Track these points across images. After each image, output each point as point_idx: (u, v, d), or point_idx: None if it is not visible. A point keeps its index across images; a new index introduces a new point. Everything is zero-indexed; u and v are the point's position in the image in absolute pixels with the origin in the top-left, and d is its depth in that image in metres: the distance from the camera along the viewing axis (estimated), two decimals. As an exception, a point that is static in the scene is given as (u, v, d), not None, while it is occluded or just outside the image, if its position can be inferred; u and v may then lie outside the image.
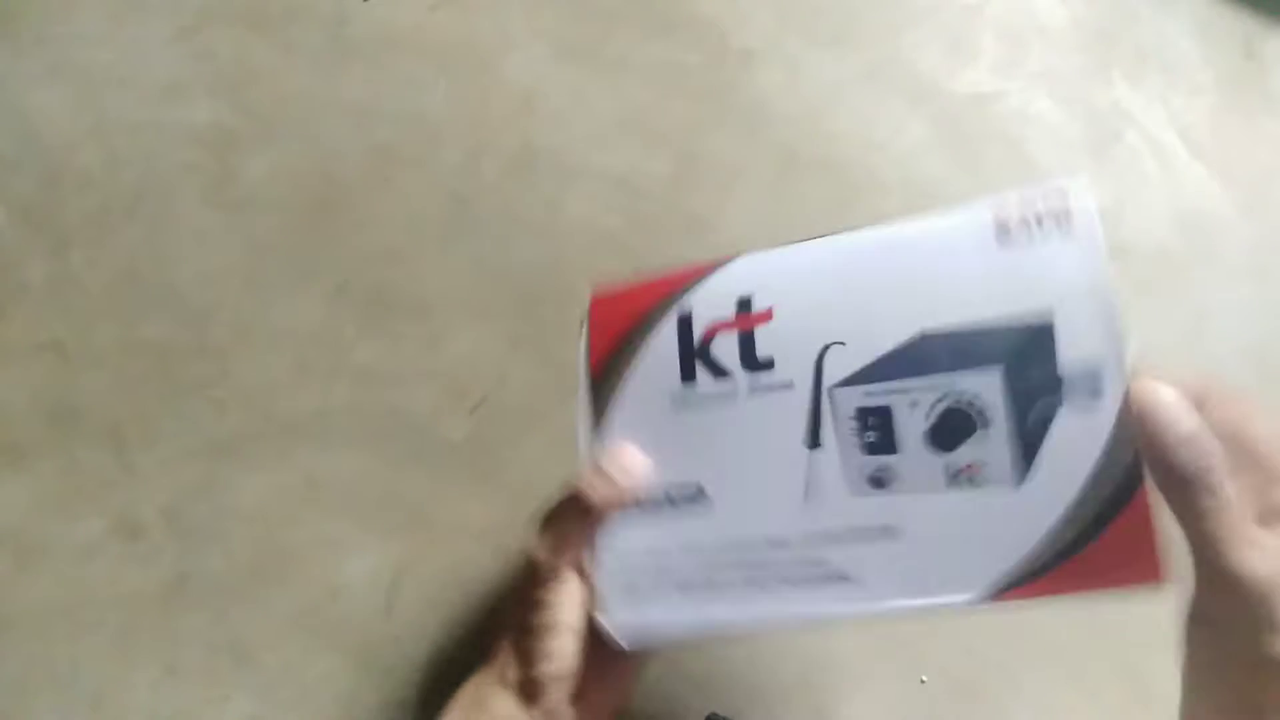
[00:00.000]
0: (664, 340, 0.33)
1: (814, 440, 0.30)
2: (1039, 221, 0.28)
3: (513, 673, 0.35)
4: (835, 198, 0.51)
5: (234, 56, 0.54)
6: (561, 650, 0.34)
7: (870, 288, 0.30)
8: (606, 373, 0.34)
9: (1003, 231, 0.28)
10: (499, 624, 0.37)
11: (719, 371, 0.32)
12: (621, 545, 0.33)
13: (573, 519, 0.35)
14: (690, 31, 0.54)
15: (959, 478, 0.28)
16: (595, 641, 0.34)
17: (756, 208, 0.51)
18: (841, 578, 0.29)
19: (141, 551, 0.47)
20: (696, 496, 0.32)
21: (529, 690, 0.34)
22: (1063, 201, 0.28)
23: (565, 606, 0.35)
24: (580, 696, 0.35)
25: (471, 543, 0.47)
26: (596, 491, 0.34)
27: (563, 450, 0.47)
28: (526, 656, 0.34)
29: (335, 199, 0.52)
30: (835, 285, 0.31)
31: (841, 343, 0.30)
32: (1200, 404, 0.27)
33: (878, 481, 0.29)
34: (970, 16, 0.55)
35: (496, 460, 0.48)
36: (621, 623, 0.33)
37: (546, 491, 0.36)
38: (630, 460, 0.35)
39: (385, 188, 0.52)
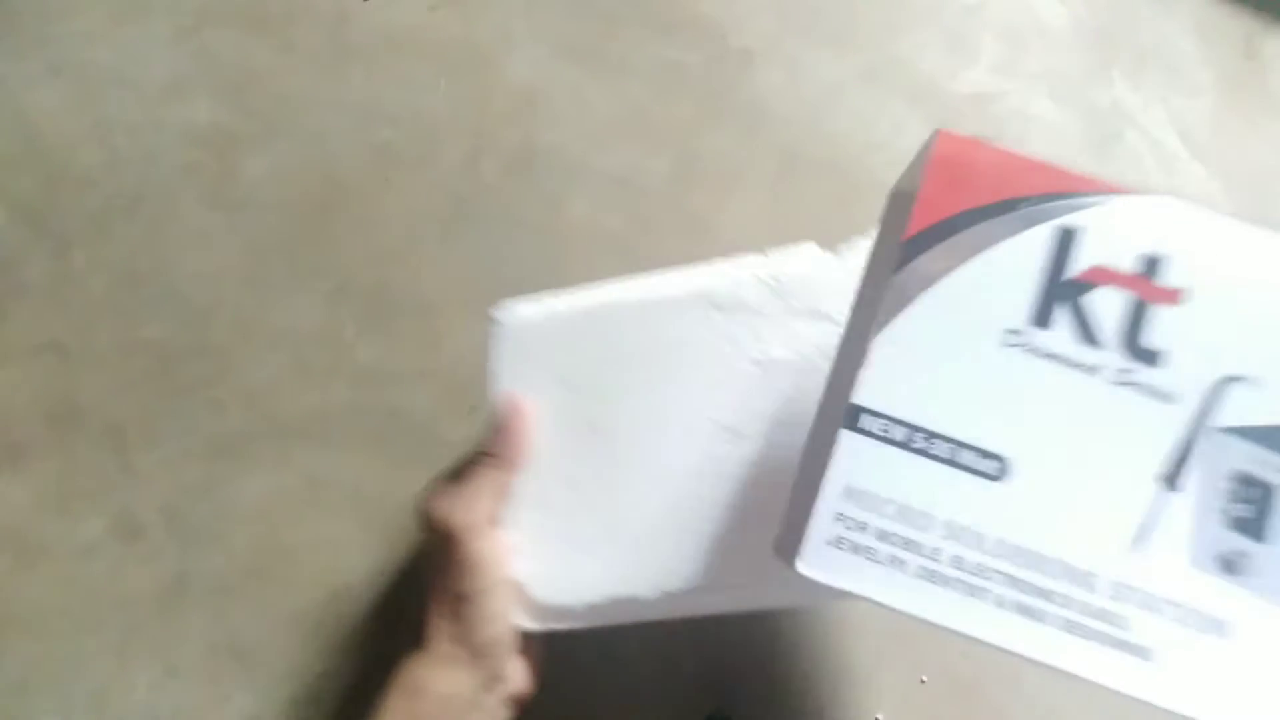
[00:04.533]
0: (1025, 250, 0.25)
1: (1172, 480, 0.24)
2: None
3: (450, 646, 0.33)
4: (835, 198, 0.51)
5: (234, 56, 0.54)
6: (504, 610, 0.34)
7: None
8: (917, 248, 0.25)
9: None
10: (425, 602, 0.35)
11: (1087, 334, 0.24)
12: (858, 485, 0.25)
13: (481, 475, 0.35)
14: (690, 31, 0.54)
15: None
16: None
17: (756, 208, 0.51)
18: (1137, 651, 0.24)
19: (141, 551, 0.47)
20: (996, 471, 0.24)
21: (474, 659, 0.33)
22: None
23: (496, 563, 0.34)
24: (519, 653, 0.34)
25: (471, 543, 0.47)
26: (504, 445, 0.34)
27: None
28: (467, 625, 0.33)
29: (335, 199, 0.52)
30: (1273, 303, 0.24)
31: (1254, 381, 0.24)
32: None
33: (1228, 565, 0.24)
34: (970, 16, 0.55)
35: (496, 460, 0.48)
36: (808, 575, 0.25)
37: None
38: (526, 414, 0.35)
39: (385, 188, 0.52)
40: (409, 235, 0.51)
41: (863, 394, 0.25)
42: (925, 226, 0.25)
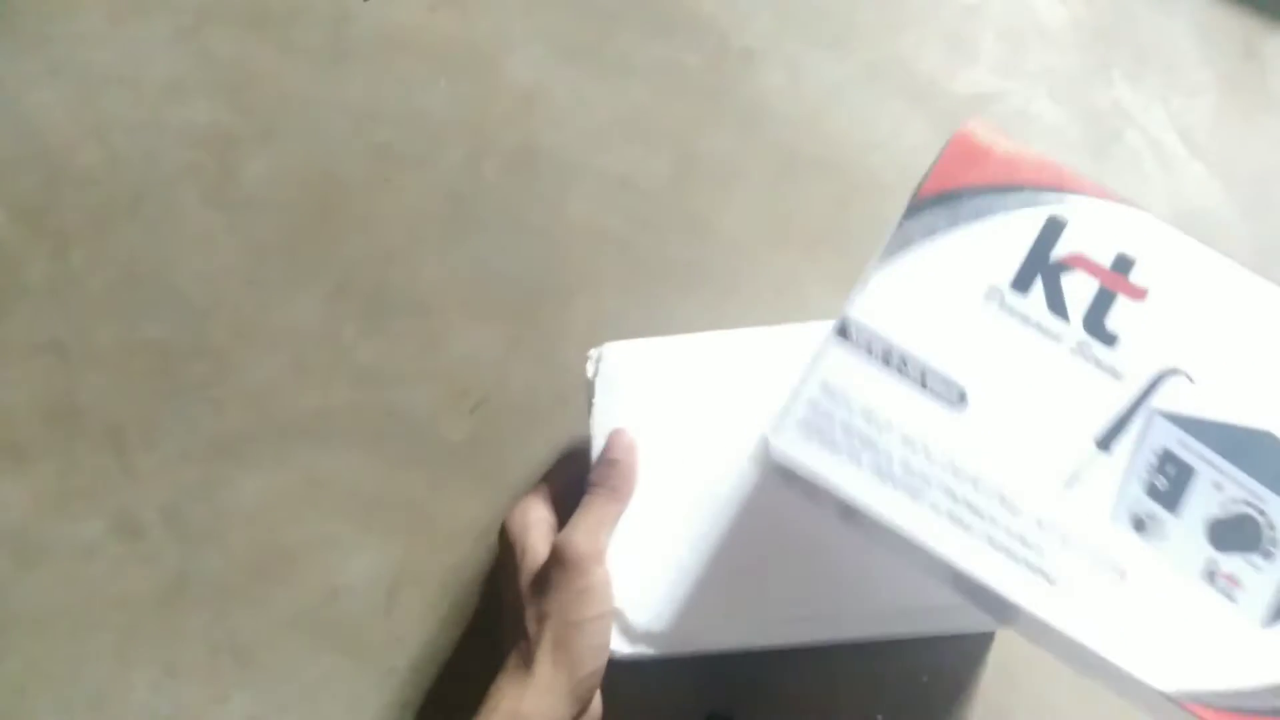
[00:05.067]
0: (1017, 227, 0.29)
1: (1106, 444, 0.28)
2: None
3: (554, 672, 0.34)
4: (835, 198, 0.51)
5: (234, 56, 0.54)
6: (608, 641, 0.35)
7: (1253, 353, 0.28)
8: (927, 204, 0.29)
9: None
10: (519, 626, 0.35)
11: (1058, 306, 0.28)
12: (834, 384, 0.28)
13: (597, 506, 0.36)
14: (690, 31, 0.54)
15: (1215, 579, 0.26)
16: None
17: (756, 208, 0.51)
18: (1045, 577, 0.27)
19: (141, 551, 0.47)
20: (955, 400, 0.28)
21: (573, 689, 0.34)
22: None
23: (610, 592, 0.35)
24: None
25: (471, 543, 0.47)
26: (619, 478, 0.36)
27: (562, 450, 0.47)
28: (574, 653, 0.34)
29: (335, 199, 0.52)
30: (1221, 318, 0.28)
31: (1190, 377, 0.27)
32: None
33: (1139, 524, 0.27)
34: (970, 16, 0.55)
35: (496, 460, 0.48)
36: (778, 450, 0.29)
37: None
38: (636, 449, 0.37)
39: (385, 188, 0.52)
40: (409, 235, 0.51)
41: (855, 310, 0.29)
42: (937, 191, 0.30)
